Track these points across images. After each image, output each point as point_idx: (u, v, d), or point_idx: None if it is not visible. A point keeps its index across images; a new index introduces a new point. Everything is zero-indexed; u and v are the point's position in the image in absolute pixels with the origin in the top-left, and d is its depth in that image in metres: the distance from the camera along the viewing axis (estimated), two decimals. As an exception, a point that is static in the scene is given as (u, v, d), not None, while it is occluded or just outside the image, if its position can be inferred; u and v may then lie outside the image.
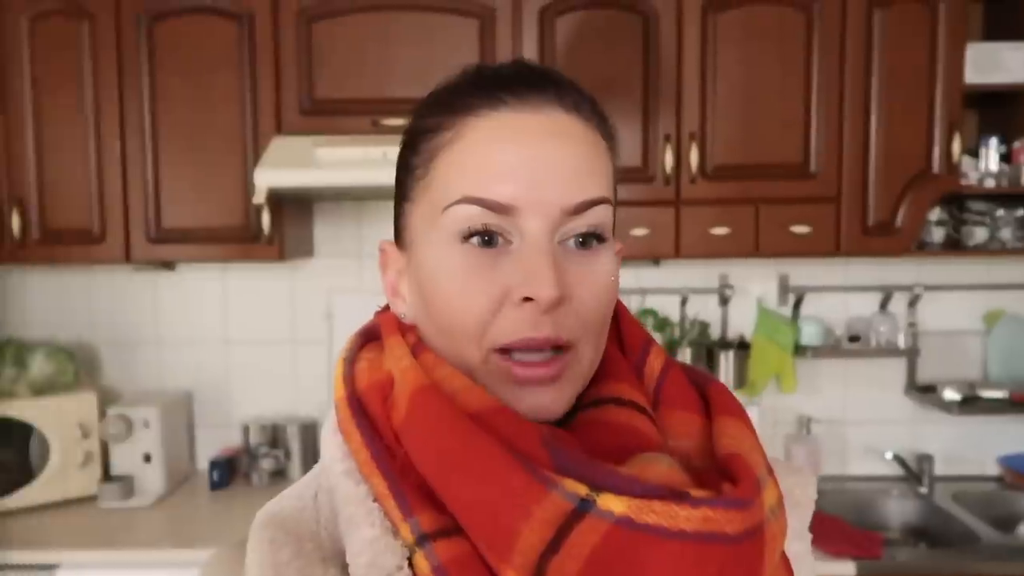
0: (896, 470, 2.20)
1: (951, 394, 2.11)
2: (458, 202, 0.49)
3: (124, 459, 2.07)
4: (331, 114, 1.93)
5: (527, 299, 0.47)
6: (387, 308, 0.58)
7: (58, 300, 2.30)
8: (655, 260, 2.16)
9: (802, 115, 1.90)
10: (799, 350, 2.18)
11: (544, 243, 0.48)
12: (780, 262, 2.22)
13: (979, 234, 2.07)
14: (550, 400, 0.49)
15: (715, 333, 2.26)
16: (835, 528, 1.85)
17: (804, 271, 2.23)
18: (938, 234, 2.09)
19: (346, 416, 0.50)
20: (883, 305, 2.23)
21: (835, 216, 1.92)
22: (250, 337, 2.30)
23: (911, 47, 1.88)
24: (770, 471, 0.47)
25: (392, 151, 2.11)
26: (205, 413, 2.32)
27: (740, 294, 2.25)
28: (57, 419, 2.01)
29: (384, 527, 0.46)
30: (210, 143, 1.95)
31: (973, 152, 2.04)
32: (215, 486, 2.14)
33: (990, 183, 2.00)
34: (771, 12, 1.88)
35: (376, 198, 2.18)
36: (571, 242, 0.49)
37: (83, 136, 1.95)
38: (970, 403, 2.10)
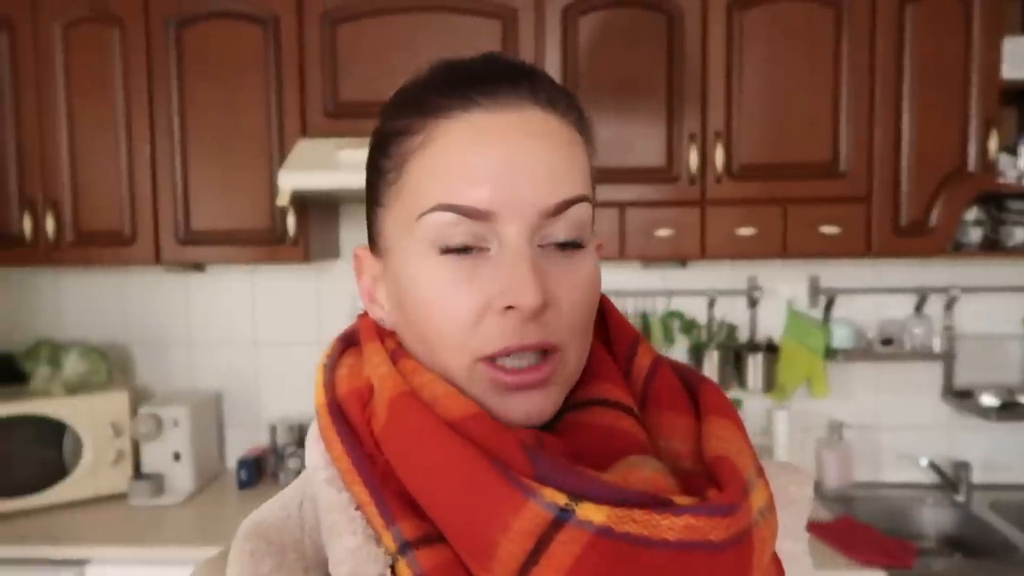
0: (931, 477, 2.14)
1: (989, 399, 2.04)
2: (432, 210, 0.47)
3: (154, 458, 2.11)
4: (355, 116, 1.94)
5: (510, 307, 0.46)
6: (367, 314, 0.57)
7: (91, 301, 2.35)
8: (682, 261, 2.14)
9: (831, 113, 1.86)
10: (830, 353, 2.13)
11: (523, 249, 0.47)
12: (811, 263, 2.18)
13: (1019, 234, 2.00)
14: (540, 404, 0.48)
15: (743, 336, 2.23)
16: (867, 536, 1.80)
17: (835, 272, 2.18)
18: (975, 234, 2.03)
19: (327, 423, 0.50)
20: (918, 307, 2.17)
21: (866, 216, 1.87)
22: (277, 338, 2.33)
23: (945, 42, 1.83)
24: (760, 472, 0.46)
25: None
26: (234, 413, 2.35)
27: (769, 296, 2.21)
28: (90, 418, 2.06)
29: (366, 535, 0.46)
30: (237, 146, 1.97)
31: (1012, 150, 1.97)
32: (243, 485, 2.16)
33: (1030, 181, 1.93)
34: (799, 8, 1.84)
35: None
36: (551, 245, 0.48)
37: (114, 139, 1.99)
38: (1009, 409, 2.03)
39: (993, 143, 1.83)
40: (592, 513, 0.40)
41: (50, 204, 2.00)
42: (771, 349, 2.17)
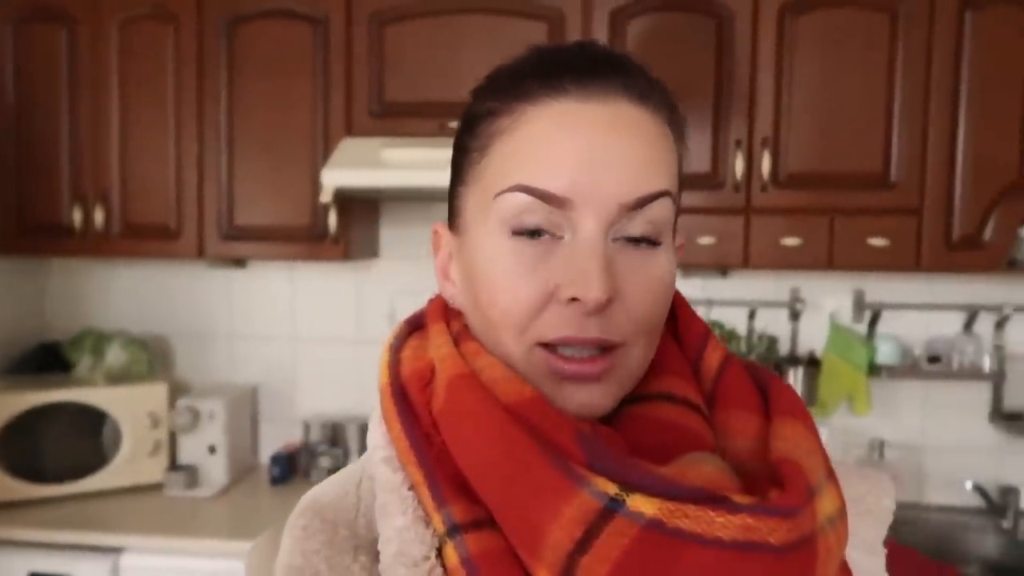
0: (977, 502, 2.07)
1: (1041, 423, 1.97)
2: (510, 190, 0.47)
3: (190, 449, 2.13)
4: (400, 116, 1.95)
5: (574, 299, 0.46)
6: (439, 295, 0.57)
7: (136, 293, 2.39)
8: (722, 270, 2.10)
9: (883, 121, 1.81)
10: (874, 370, 2.07)
11: (596, 241, 0.46)
12: (855, 276, 2.13)
13: (1076, 252, 1.93)
14: (595, 397, 0.47)
15: (784, 349, 2.18)
16: (908, 559, 1.74)
17: (881, 286, 2.13)
18: (1031, 251, 1.97)
19: (388, 404, 0.50)
20: (967, 325, 2.11)
21: (916, 229, 1.82)
22: (316, 335, 2.34)
23: (1005, 51, 1.77)
24: (831, 477, 0.44)
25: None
26: (269, 408, 2.37)
27: (812, 309, 2.16)
28: (129, 408, 2.09)
29: (416, 516, 0.46)
30: (282, 144, 1.99)
31: (1072, 164, 1.91)
32: (275, 481, 2.18)
33: (1090, 198, 1.86)
34: (853, 14, 1.81)
35: (442, 200, 2.18)
36: (625, 239, 0.47)
37: (164, 135, 2.02)
38: (1062, 433, 1.96)
39: (1053, 156, 1.77)
40: (643, 505, 0.39)
41: (100, 197, 2.04)
42: (812, 363, 2.12)
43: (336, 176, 1.81)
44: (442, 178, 1.96)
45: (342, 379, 2.34)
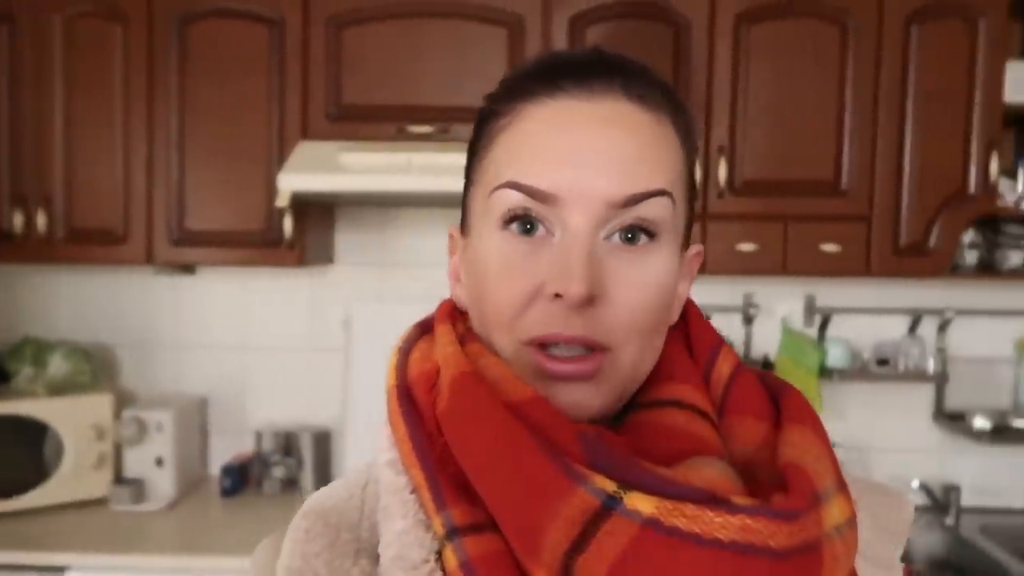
0: (922, 500, 2.14)
1: (982, 422, 2.05)
2: (502, 186, 0.48)
3: (137, 462, 2.05)
4: (358, 120, 1.92)
5: (558, 295, 0.45)
6: (449, 299, 0.57)
7: (80, 300, 2.30)
8: (679, 276, 2.12)
9: (835, 131, 1.87)
10: (825, 373, 2.13)
11: (583, 238, 0.46)
12: (807, 281, 2.18)
13: (1014, 258, 2.02)
14: (585, 397, 0.47)
15: (738, 353, 2.21)
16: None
17: (831, 291, 2.18)
18: (971, 257, 2.05)
19: (394, 406, 0.50)
20: (912, 329, 2.18)
21: (866, 235, 1.88)
22: (268, 343, 2.29)
23: (949, 64, 1.84)
24: (841, 486, 0.43)
25: (417, 158, 2.08)
26: (219, 418, 2.30)
27: (765, 313, 2.21)
28: (72, 419, 2.00)
29: (416, 519, 0.45)
30: (236, 147, 1.94)
31: (1010, 173, 1.99)
32: (226, 493, 2.12)
33: (1027, 206, 1.95)
34: (806, 25, 1.86)
35: (400, 205, 2.17)
36: (617, 237, 0.47)
37: (110, 136, 1.95)
38: (1000, 432, 2.04)
39: (994, 166, 1.84)
40: (640, 503, 0.38)
41: (42, 200, 1.96)
42: (766, 367, 2.16)
43: (293, 180, 1.77)
44: (401, 183, 1.94)
45: (295, 388, 2.29)
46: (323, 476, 2.20)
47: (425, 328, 0.55)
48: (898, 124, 1.86)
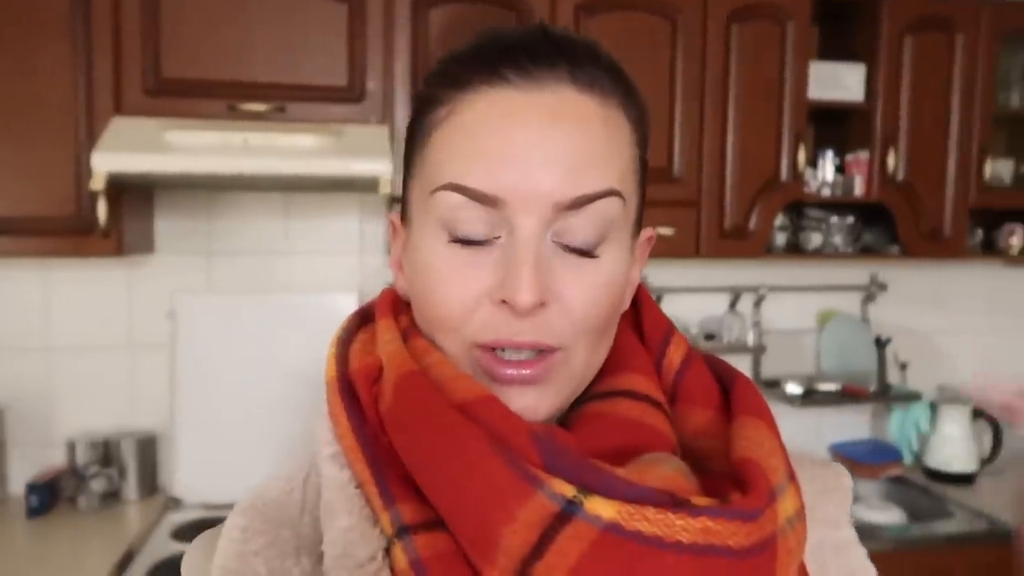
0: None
1: (794, 388, 2.27)
2: (444, 187, 0.45)
3: (-83, 486, 1.77)
4: (181, 95, 1.76)
5: (505, 301, 0.44)
6: (392, 287, 0.54)
7: None
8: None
9: (667, 121, 1.97)
10: (658, 349, 2.25)
11: (530, 243, 0.44)
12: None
13: (815, 239, 2.25)
14: (536, 400, 0.45)
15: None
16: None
17: (661, 272, 2.32)
18: (781, 238, 2.25)
19: (335, 399, 0.47)
20: (732, 305, 2.36)
21: (696, 220, 2.00)
22: (78, 343, 2.05)
23: (764, 61, 2.01)
24: (792, 478, 0.44)
25: (253, 138, 1.92)
26: (21, 430, 2.04)
27: (603, 295, 2.29)
28: None
29: (361, 515, 0.43)
30: (32, 120, 1.71)
31: (813, 163, 2.21)
32: (33, 513, 1.88)
33: (826, 192, 2.18)
34: (640, 19, 1.94)
35: (231, 188, 2.01)
36: (565, 242, 0.45)
37: None
38: (808, 396, 2.27)
39: (802, 156, 2.04)
40: (601, 508, 0.38)
41: None
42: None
43: (110, 160, 1.58)
44: (236, 164, 1.79)
45: (113, 390, 2.08)
46: (150, 485, 2.02)
47: (364, 317, 0.52)
48: (722, 116, 2.00)
